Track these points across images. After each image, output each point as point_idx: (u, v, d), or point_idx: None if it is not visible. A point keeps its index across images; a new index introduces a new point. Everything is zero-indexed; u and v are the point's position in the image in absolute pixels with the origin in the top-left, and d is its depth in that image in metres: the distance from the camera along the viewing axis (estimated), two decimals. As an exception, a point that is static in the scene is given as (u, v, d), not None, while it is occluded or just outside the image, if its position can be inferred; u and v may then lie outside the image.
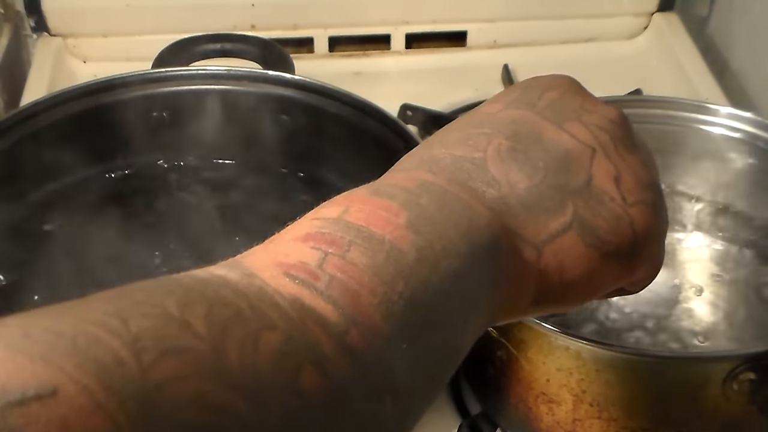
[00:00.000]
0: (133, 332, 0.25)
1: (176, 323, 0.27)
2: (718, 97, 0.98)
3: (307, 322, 0.30)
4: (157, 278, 0.29)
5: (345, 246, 0.33)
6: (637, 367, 0.61)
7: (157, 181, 0.83)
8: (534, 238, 0.39)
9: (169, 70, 0.84)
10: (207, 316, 0.28)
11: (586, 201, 0.40)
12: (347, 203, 0.35)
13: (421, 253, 0.34)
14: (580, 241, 0.39)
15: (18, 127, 0.78)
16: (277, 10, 1.07)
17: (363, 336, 0.31)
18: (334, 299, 0.31)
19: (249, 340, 0.28)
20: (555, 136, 0.40)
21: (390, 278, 0.33)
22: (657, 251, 0.43)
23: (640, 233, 0.41)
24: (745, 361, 0.58)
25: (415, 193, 0.36)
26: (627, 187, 0.41)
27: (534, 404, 0.64)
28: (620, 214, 0.40)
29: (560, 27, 1.10)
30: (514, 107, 0.42)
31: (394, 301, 0.32)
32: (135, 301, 0.27)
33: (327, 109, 0.81)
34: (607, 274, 0.41)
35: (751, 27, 1.05)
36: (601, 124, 0.42)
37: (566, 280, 0.40)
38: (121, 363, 0.25)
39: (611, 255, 0.40)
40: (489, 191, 0.39)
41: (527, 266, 0.39)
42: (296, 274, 0.32)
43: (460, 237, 0.36)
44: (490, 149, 0.40)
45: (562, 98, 0.42)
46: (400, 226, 0.34)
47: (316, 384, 0.29)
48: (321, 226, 0.34)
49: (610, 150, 0.41)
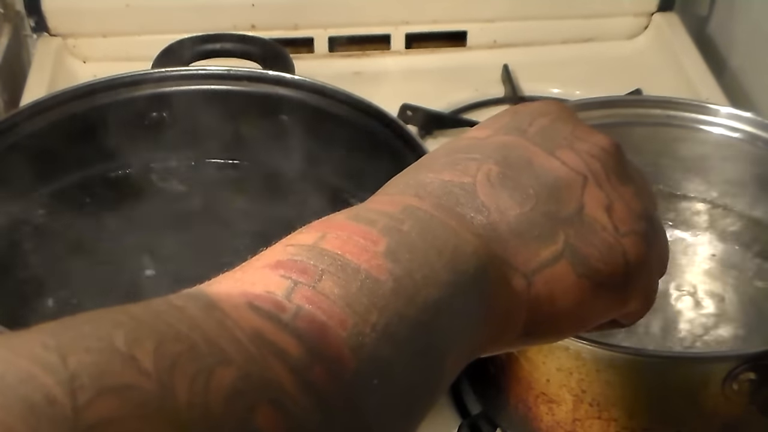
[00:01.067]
0: (70, 369, 0.24)
1: (121, 359, 0.25)
2: (718, 97, 0.98)
3: (267, 357, 0.28)
4: (109, 308, 0.28)
5: (317, 275, 0.32)
6: (637, 367, 0.61)
7: (157, 182, 0.83)
8: (524, 267, 0.38)
9: (169, 70, 0.84)
10: (156, 350, 0.26)
11: (578, 230, 0.39)
12: (324, 229, 0.34)
13: (398, 283, 0.33)
14: (572, 270, 0.38)
15: (18, 127, 0.78)
16: (277, 10, 1.07)
17: (329, 371, 0.30)
18: (300, 332, 0.30)
19: (200, 376, 0.26)
20: (546, 162, 0.40)
21: (363, 309, 0.31)
22: (650, 283, 0.42)
23: (633, 263, 0.40)
24: (745, 361, 0.58)
25: (397, 218, 0.35)
26: (619, 216, 0.40)
27: (534, 404, 0.64)
28: (612, 243, 0.39)
29: (560, 27, 1.10)
30: (504, 133, 0.41)
31: (365, 334, 0.31)
32: (79, 334, 0.26)
33: (327, 109, 0.81)
34: (599, 304, 0.40)
35: (751, 27, 1.05)
36: (593, 152, 0.41)
37: (557, 310, 0.39)
38: (53, 402, 0.23)
39: (603, 285, 0.39)
40: (477, 217, 0.38)
41: (516, 296, 0.38)
42: (260, 305, 0.30)
43: (443, 265, 0.34)
44: (480, 175, 0.39)
45: (553, 125, 0.41)
46: (378, 254, 0.33)
47: (273, 424, 0.28)
48: (294, 253, 0.33)
49: (602, 179, 0.40)
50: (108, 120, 0.81)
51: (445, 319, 0.34)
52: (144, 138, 0.83)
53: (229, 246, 0.76)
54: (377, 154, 0.78)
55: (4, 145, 0.76)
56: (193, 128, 0.83)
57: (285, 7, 1.07)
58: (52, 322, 0.26)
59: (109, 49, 1.06)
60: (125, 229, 0.77)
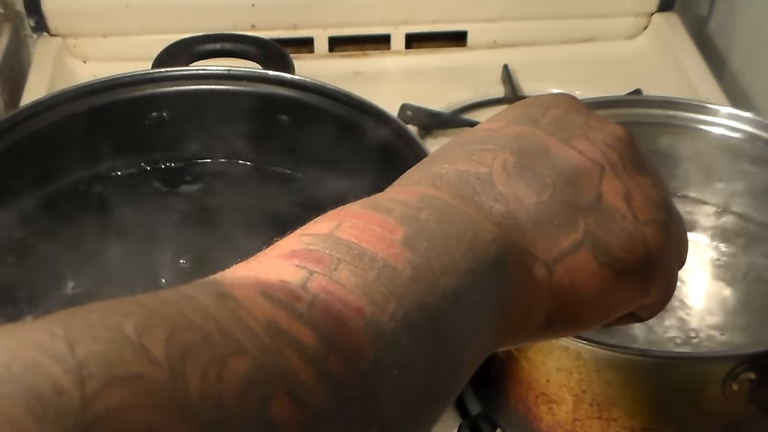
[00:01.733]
0: (79, 357, 0.23)
1: (131, 347, 0.25)
2: (718, 97, 0.98)
3: (282, 348, 0.28)
4: (119, 298, 0.27)
5: (333, 264, 0.31)
6: (637, 367, 0.60)
7: (157, 182, 0.83)
8: (545, 256, 0.37)
9: (169, 70, 0.84)
10: (168, 339, 0.25)
11: (597, 218, 0.39)
12: (340, 218, 0.34)
13: (417, 271, 0.32)
14: (593, 258, 0.38)
15: (18, 127, 0.78)
16: (277, 10, 1.07)
17: (345, 361, 0.29)
18: (315, 322, 0.29)
19: (213, 366, 0.26)
20: (562, 152, 0.39)
21: (381, 298, 0.31)
22: (670, 273, 0.42)
23: (653, 252, 0.40)
24: (745, 361, 0.58)
25: (415, 207, 0.35)
26: (638, 205, 0.40)
27: (534, 404, 0.64)
28: (632, 231, 0.39)
29: (560, 27, 1.10)
30: (517, 124, 0.41)
31: (383, 323, 0.30)
32: (88, 323, 0.25)
33: (327, 109, 0.81)
34: (620, 294, 0.40)
35: (751, 27, 1.05)
36: (609, 142, 0.40)
37: (579, 299, 0.38)
38: (60, 392, 0.23)
39: (624, 274, 0.39)
40: (496, 206, 0.37)
41: (538, 285, 0.37)
42: (275, 295, 0.29)
43: (463, 253, 0.34)
44: (496, 165, 0.38)
45: (566, 115, 0.41)
46: (395, 243, 0.33)
47: (289, 414, 0.27)
48: (309, 242, 0.32)
49: (619, 168, 0.40)
50: (108, 120, 0.81)
51: (465, 308, 0.34)
52: (144, 138, 0.83)
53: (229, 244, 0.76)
54: (377, 154, 0.78)
55: (4, 145, 0.76)
56: (193, 128, 0.83)
57: (285, 7, 1.07)
58: (61, 311, 0.26)
59: (109, 49, 1.06)
60: (125, 230, 0.77)
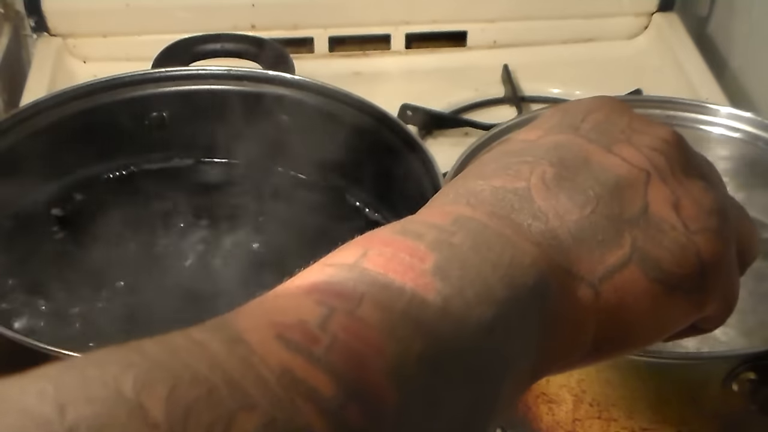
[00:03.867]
0: (68, 422, 0.22)
1: (127, 409, 0.23)
2: (717, 97, 0.98)
3: (296, 399, 0.26)
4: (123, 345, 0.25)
5: (356, 299, 0.29)
6: (637, 367, 0.60)
7: (157, 182, 0.83)
8: (590, 276, 0.35)
9: (169, 70, 0.84)
10: (169, 397, 0.24)
11: (645, 231, 0.36)
12: (367, 246, 0.31)
13: (447, 303, 0.30)
14: (643, 275, 0.35)
15: (18, 127, 0.77)
16: (277, 10, 1.07)
17: (366, 410, 0.27)
18: (333, 366, 0.27)
19: (219, 425, 0.24)
20: (604, 160, 0.37)
21: (407, 334, 0.28)
22: (729, 283, 0.39)
23: (708, 263, 0.37)
24: (745, 361, 0.58)
25: (448, 230, 0.33)
26: (688, 213, 0.37)
27: (534, 404, 0.64)
28: (684, 243, 0.36)
29: (560, 27, 1.10)
30: (556, 132, 0.38)
31: (409, 364, 0.28)
32: (83, 379, 0.24)
33: (327, 109, 0.81)
34: (675, 311, 0.37)
35: (751, 27, 1.05)
36: (654, 145, 0.38)
37: (630, 320, 0.36)
38: None
39: (678, 289, 0.36)
40: (535, 224, 0.35)
41: (583, 308, 0.35)
42: (291, 337, 0.27)
43: (499, 279, 0.32)
44: (534, 178, 0.36)
45: (608, 119, 0.39)
46: (425, 272, 0.30)
47: None
48: (332, 274, 0.30)
49: (666, 174, 0.37)
50: (108, 120, 0.81)
51: (501, 340, 0.31)
52: (144, 138, 0.83)
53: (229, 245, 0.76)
54: (377, 154, 0.78)
55: (4, 145, 0.76)
56: (193, 128, 0.83)
57: (285, 7, 1.07)
58: (57, 363, 0.24)
59: (109, 49, 1.06)
60: (124, 230, 0.77)
